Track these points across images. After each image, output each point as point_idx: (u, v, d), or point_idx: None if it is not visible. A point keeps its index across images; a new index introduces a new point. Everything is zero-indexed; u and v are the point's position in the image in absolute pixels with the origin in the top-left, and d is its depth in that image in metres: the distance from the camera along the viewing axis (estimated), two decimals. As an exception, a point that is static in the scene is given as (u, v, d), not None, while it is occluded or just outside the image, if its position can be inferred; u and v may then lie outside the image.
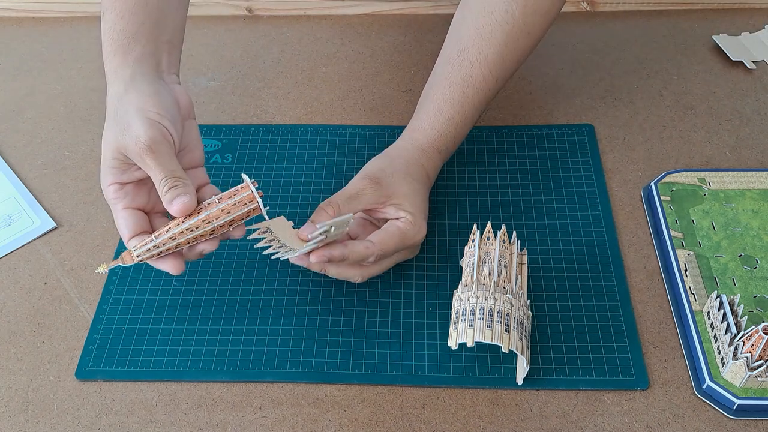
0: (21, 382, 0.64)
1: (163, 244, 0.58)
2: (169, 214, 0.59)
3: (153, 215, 0.63)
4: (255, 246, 0.62)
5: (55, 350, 0.66)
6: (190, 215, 0.58)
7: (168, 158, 0.59)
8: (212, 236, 0.59)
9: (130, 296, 0.69)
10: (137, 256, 0.59)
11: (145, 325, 0.67)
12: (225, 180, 0.79)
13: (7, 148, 0.85)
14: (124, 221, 0.60)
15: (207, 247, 0.60)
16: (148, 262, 0.60)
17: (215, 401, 0.62)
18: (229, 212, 0.58)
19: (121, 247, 0.74)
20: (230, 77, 0.92)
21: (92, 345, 0.66)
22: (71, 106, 0.89)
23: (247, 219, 0.59)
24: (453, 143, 0.72)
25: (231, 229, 0.60)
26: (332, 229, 0.60)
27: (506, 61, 0.70)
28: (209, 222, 0.58)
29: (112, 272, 0.71)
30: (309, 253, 0.62)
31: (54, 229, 0.76)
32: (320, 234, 0.60)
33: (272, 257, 0.62)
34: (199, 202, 0.59)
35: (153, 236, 0.58)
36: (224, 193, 0.59)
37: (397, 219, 0.65)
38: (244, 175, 0.60)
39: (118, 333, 0.67)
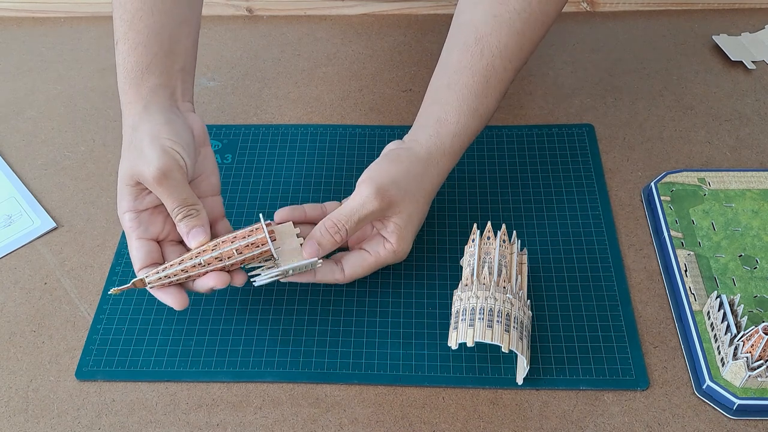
0: (21, 382, 0.64)
1: (174, 275, 0.60)
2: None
3: (165, 243, 0.64)
4: (249, 273, 0.64)
5: (55, 350, 0.66)
6: (204, 250, 0.61)
7: (181, 186, 0.60)
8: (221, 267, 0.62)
9: (130, 296, 0.69)
10: (149, 284, 0.61)
11: (145, 325, 0.67)
12: (225, 180, 0.79)
13: (7, 148, 0.85)
14: (137, 252, 0.62)
15: (217, 283, 0.61)
16: (155, 294, 0.62)
17: (215, 401, 0.62)
18: (242, 252, 0.61)
19: (121, 247, 0.74)
20: (230, 77, 0.92)
21: (92, 345, 0.66)
22: (71, 106, 0.89)
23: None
24: (473, 138, 0.68)
25: (242, 264, 0.62)
26: (290, 271, 0.62)
27: (523, 50, 0.67)
28: (221, 260, 0.61)
29: (112, 272, 0.71)
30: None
31: (54, 229, 0.76)
32: (277, 273, 0.62)
33: (253, 279, 0.63)
34: (214, 236, 0.62)
35: (167, 265, 0.61)
36: (239, 233, 0.61)
37: (384, 241, 0.65)
38: (261, 216, 0.62)
39: (118, 333, 0.67)
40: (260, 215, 0.62)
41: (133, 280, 0.61)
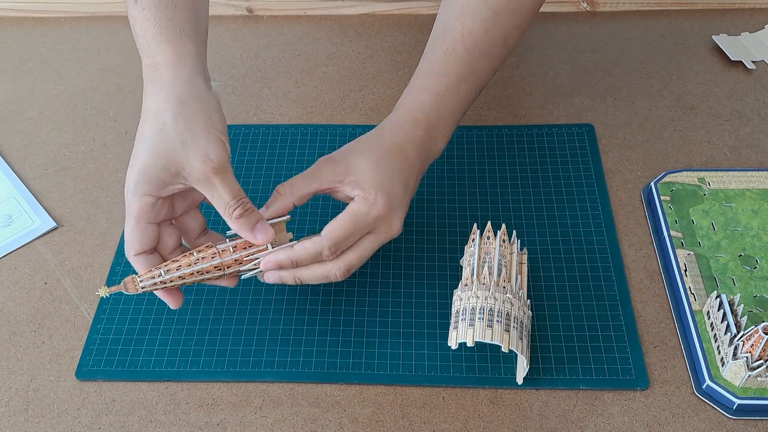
0: (21, 382, 0.64)
1: (171, 281, 0.59)
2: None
3: (162, 224, 0.61)
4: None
5: (55, 350, 0.66)
6: (203, 258, 0.59)
7: (233, 180, 0.58)
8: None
9: (130, 296, 0.69)
10: (141, 288, 0.59)
11: (145, 325, 0.67)
12: (225, 180, 0.79)
13: (7, 148, 0.85)
14: (141, 236, 0.58)
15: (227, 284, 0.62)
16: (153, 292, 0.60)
17: (215, 401, 0.62)
18: (241, 263, 0.60)
19: (121, 246, 0.73)
20: (230, 77, 0.92)
21: (92, 345, 0.66)
22: (71, 106, 0.89)
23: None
24: (436, 114, 0.66)
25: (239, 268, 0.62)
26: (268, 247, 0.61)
27: (493, 37, 0.67)
28: (221, 269, 0.60)
29: (112, 272, 0.71)
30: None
31: (54, 229, 0.76)
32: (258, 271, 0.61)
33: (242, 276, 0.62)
34: (195, 245, 0.62)
35: (162, 271, 0.58)
36: (239, 242, 0.60)
37: (352, 199, 0.61)
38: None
39: (118, 333, 0.67)
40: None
41: (124, 281, 0.58)
